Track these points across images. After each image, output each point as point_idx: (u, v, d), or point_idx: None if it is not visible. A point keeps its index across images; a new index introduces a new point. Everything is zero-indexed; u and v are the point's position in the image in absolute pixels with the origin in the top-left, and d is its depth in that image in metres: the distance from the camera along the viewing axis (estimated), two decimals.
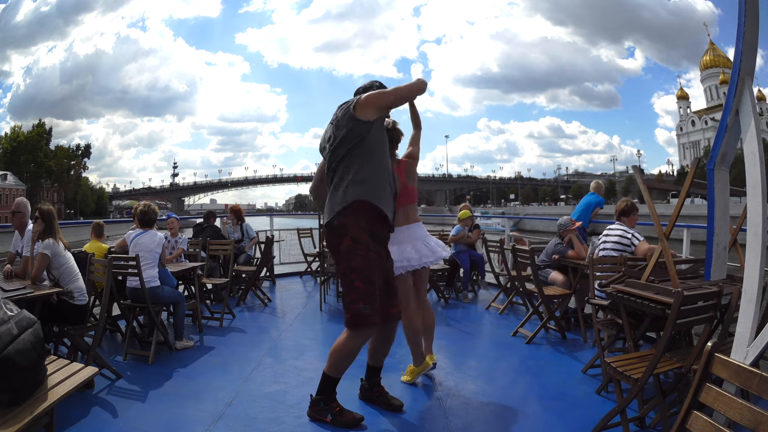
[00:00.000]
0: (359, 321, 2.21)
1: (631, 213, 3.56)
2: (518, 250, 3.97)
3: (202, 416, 2.39)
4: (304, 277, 6.97)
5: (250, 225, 6.32)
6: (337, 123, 2.29)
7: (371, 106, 2.24)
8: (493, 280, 5.87)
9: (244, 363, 3.21)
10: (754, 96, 2.10)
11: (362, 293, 2.19)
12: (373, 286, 2.21)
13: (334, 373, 2.31)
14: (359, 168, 2.23)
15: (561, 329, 3.83)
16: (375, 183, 2.26)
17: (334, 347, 2.31)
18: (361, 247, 2.20)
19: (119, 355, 3.35)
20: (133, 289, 3.41)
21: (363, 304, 2.18)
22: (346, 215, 2.20)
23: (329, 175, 2.34)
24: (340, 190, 2.24)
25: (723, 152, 2.31)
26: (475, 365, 3.26)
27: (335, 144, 2.27)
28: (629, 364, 2.17)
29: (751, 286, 1.83)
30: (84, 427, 2.29)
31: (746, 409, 1.11)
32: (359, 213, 2.21)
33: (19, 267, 3.18)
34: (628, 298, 2.36)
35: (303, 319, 4.54)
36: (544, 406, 2.57)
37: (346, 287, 2.27)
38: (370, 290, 2.20)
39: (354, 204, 2.20)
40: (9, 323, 1.70)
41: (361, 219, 2.21)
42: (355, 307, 2.20)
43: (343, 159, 2.26)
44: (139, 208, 3.71)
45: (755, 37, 2.13)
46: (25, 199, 3.63)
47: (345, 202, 2.20)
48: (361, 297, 2.19)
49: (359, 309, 2.19)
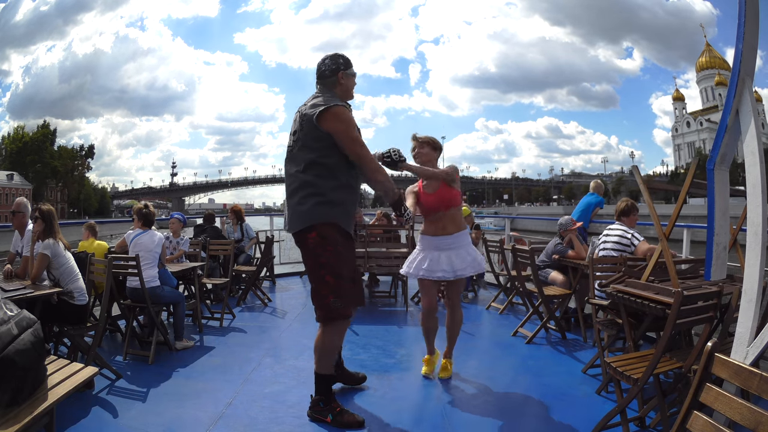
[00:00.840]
0: (332, 314, 2.24)
1: (631, 213, 3.56)
2: (518, 250, 3.97)
3: (202, 416, 2.39)
4: (304, 277, 6.96)
5: (250, 225, 6.32)
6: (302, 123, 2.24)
7: (335, 130, 2.16)
8: (493, 280, 5.87)
9: (244, 363, 3.21)
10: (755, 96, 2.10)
11: (332, 287, 2.20)
12: (342, 280, 2.22)
13: (322, 370, 2.34)
14: (332, 182, 2.20)
15: (561, 329, 3.83)
16: (347, 204, 2.26)
17: (315, 345, 2.34)
18: (330, 242, 2.19)
19: (119, 355, 3.35)
20: (133, 289, 3.41)
21: (333, 297, 2.20)
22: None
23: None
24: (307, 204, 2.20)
25: (723, 152, 2.31)
26: (475, 365, 3.26)
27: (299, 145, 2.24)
28: (629, 364, 2.17)
29: (751, 286, 1.83)
30: (84, 427, 2.29)
31: (746, 409, 1.11)
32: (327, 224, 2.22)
33: (19, 267, 3.18)
34: (628, 298, 2.36)
35: (303, 319, 4.54)
36: (544, 406, 2.56)
37: (316, 283, 2.26)
38: (339, 284, 2.21)
39: (322, 223, 2.20)
40: (9, 323, 1.70)
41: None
42: (327, 301, 2.22)
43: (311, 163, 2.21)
44: (138, 208, 3.72)
45: (755, 37, 2.13)
46: (24, 199, 3.63)
47: (313, 221, 2.19)
48: (331, 291, 2.20)
49: (331, 303, 2.21)
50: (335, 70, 2.31)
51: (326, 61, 2.33)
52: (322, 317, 2.28)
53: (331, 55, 2.36)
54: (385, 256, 4.91)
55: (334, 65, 2.31)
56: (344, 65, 2.33)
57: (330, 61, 2.33)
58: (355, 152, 2.18)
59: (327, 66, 2.32)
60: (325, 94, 2.27)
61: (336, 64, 2.31)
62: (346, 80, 2.34)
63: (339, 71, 2.31)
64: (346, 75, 2.33)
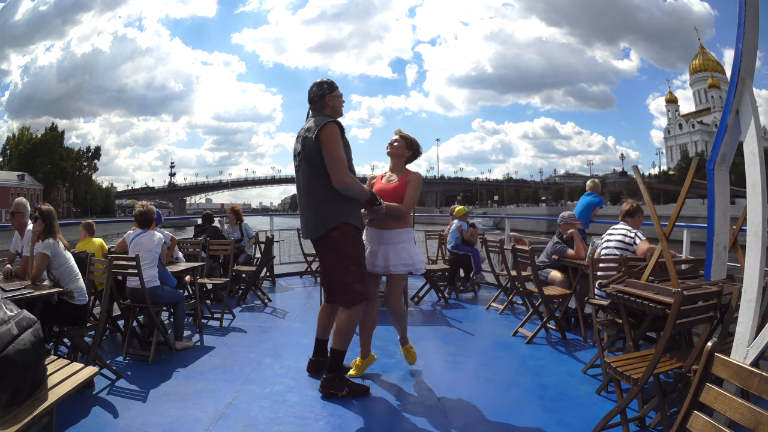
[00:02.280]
0: (357, 298, 2.58)
1: (635, 214, 3.61)
2: (518, 250, 3.97)
3: (202, 416, 2.39)
4: (304, 277, 6.97)
5: (249, 225, 6.32)
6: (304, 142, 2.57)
7: (323, 141, 2.47)
8: (493, 280, 5.87)
9: (244, 363, 3.21)
10: (755, 96, 2.10)
11: (356, 275, 2.56)
12: (363, 267, 2.62)
13: (341, 347, 2.64)
14: (335, 189, 2.49)
15: (561, 329, 3.84)
16: (356, 205, 2.61)
17: (338, 326, 2.65)
18: (350, 237, 2.55)
19: (119, 355, 3.35)
20: (133, 289, 3.41)
21: (359, 284, 2.56)
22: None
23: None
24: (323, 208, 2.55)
25: (723, 152, 2.30)
26: (475, 365, 3.26)
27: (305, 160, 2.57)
28: (629, 364, 2.17)
29: (751, 286, 1.83)
30: (84, 427, 2.29)
31: (746, 409, 1.11)
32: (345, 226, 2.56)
33: (19, 267, 3.18)
34: (628, 298, 2.36)
35: (303, 319, 4.54)
36: (544, 406, 2.56)
37: (341, 273, 2.57)
38: (362, 271, 2.59)
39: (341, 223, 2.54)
40: (9, 323, 1.70)
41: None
42: (353, 287, 2.55)
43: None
44: (138, 208, 3.71)
45: (755, 37, 2.13)
46: (24, 200, 3.62)
47: (334, 223, 2.52)
48: (356, 278, 2.55)
49: (356, 288, 2.56)
50: (321, 95, 2.66)
51: (314, 89, 2.69)
52: (348, 301, 2.60)
53: (318, 82, 2.71)
54: None
55: (320, 91, 2.67)
56: (329, 89, 2.68)
57: (317, 87, 2.68)
58: (329, 165, 2.47)
59: (314, 92, 2.68)
60: (316, 117, 2.62)
61: (321, 90, 2.67)
62: (332, 101, 2.68)
63: (325, 95, 2.66)
64: (332, 97, 2.68)
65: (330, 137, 2.47)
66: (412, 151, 2.93)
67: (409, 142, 2.92)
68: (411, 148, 2.92)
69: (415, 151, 2.95)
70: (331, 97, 2.67)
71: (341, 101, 2.73)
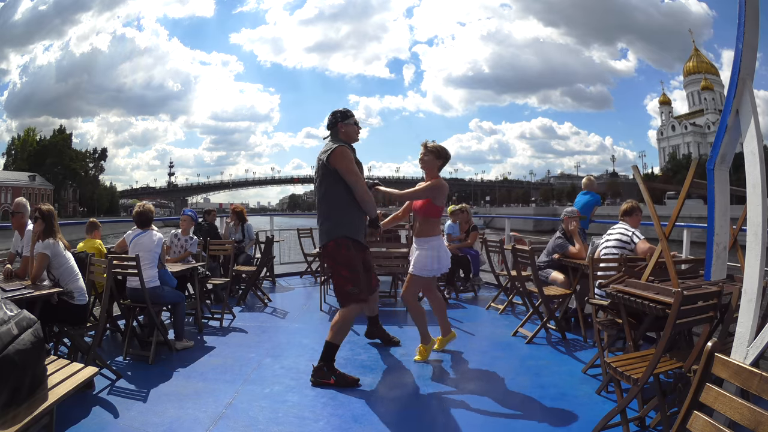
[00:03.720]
0: (349, 298, 2.88)
1: (633, 213, 3.63)
2: (518, 250, 3.97)
3: (202, 416, 2.40)
4: (304, 277, 6.97)
5: (252, 226, 6.31)
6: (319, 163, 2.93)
7: (338, 166, 2.84)
8: (493, 280, 5.87)
9: (244, 363, 3.21)
10: (754, 96, 2.10)
11: (349, 279, 2.89)
12: (357, 272, 2.91)
13: (336, 340, 2.87)
14: (341, 206, 2.90)
15: (561, 329, 3.84)
16: (354, 219, 2.95)
17: (333, 322, 2.89)
18: (342, 247, 2.91)
19: (119, 355, 3.35)
20: (133, 289, 3.41)
21: (351, 286, 2.88)
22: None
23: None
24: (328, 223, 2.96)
25: (723, 152, 2.30)
26: (475, 365, 3.26)
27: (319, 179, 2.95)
28: (629, 364, 2.17)
29: (751, 286, 1.83)
30: (84, 427, 2.29)
31: (746, 409, 1.11)
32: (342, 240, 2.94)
33: (19, 267, 3.17)
34: (628, 298, 2.36)
35: (303, 319, 4.54)
36: (544, 406, 2.56)
37: (336, 276, 2.98)
38: (355, 276, 2.90)
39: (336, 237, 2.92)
40: (9, 323, 1.70)
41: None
42: (346, 289, 2.89)
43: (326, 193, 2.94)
44: (136, 208, 3.71)
45: (755, 37, 2.12)
46: (24, 200, 3.63)
47: (330, 237, 2.92)
48: (348, 281, 2.89)
49: (349, 290, 2.89)
50: (335, 122, 3.01)
51: (330, 118, 3.04)
52: (342, 301, 2.91)
53: (333, 111, 3.04)
54: (385, 256, 4.91)
55: (334, 119, 3.01)
56: (341, 117, 3.01)
57: (331, 116, 3.03)
58: (350, 181, 2.86)
59: (330, 121, 3.03)
60: (331, 141, 2.97)
61: (335, 118, 3.01)
62: (345, 128, 3.01)
63: (338, 123, 3.00)
64: (345, 124, 3.00)
65: (341, 158, 2.81)
66: (442, 159, 3.20)
67: (437, 153, 3.18)
68: (440, 157, 3.19)
69: (445, 158, 3.21)
70: (343, 124, 2.99)
71: (355, 128, 3.04)
